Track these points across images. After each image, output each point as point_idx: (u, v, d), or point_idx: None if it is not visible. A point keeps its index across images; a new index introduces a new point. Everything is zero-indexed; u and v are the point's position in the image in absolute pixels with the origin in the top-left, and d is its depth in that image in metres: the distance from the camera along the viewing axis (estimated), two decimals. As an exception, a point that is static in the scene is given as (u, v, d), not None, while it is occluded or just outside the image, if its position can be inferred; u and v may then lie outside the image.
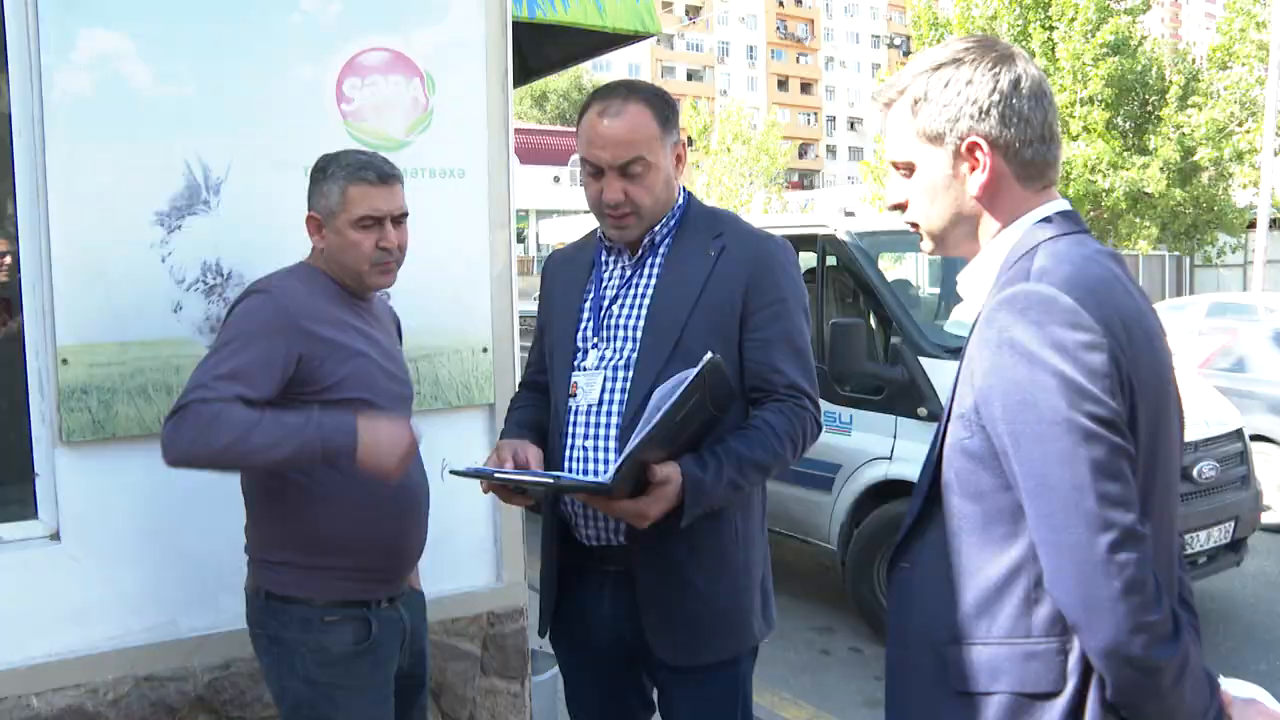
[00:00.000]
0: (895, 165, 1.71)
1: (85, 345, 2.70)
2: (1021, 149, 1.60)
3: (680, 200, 2.39)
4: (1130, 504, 1.42)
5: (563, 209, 30.72)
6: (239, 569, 2.48)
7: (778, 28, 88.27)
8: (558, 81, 55.53)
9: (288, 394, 2.28)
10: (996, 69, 1.59)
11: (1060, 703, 1.49)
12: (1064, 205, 1.65)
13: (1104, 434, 1.41)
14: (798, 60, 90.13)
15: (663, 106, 2.29)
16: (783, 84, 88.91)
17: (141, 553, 2.81)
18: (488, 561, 3.34)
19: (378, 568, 2.44)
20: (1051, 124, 1.62)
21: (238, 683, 2.89)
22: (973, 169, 1.61)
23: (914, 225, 1.72)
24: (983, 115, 1.58)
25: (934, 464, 1.64)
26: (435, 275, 3.09)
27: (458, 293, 3.21)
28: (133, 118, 2.72)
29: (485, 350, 3.26)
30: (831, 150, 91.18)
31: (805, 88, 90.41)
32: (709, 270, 2.29)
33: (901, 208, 1.72)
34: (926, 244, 1.74)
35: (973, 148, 1.59)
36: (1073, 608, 1.43)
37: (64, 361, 2.68)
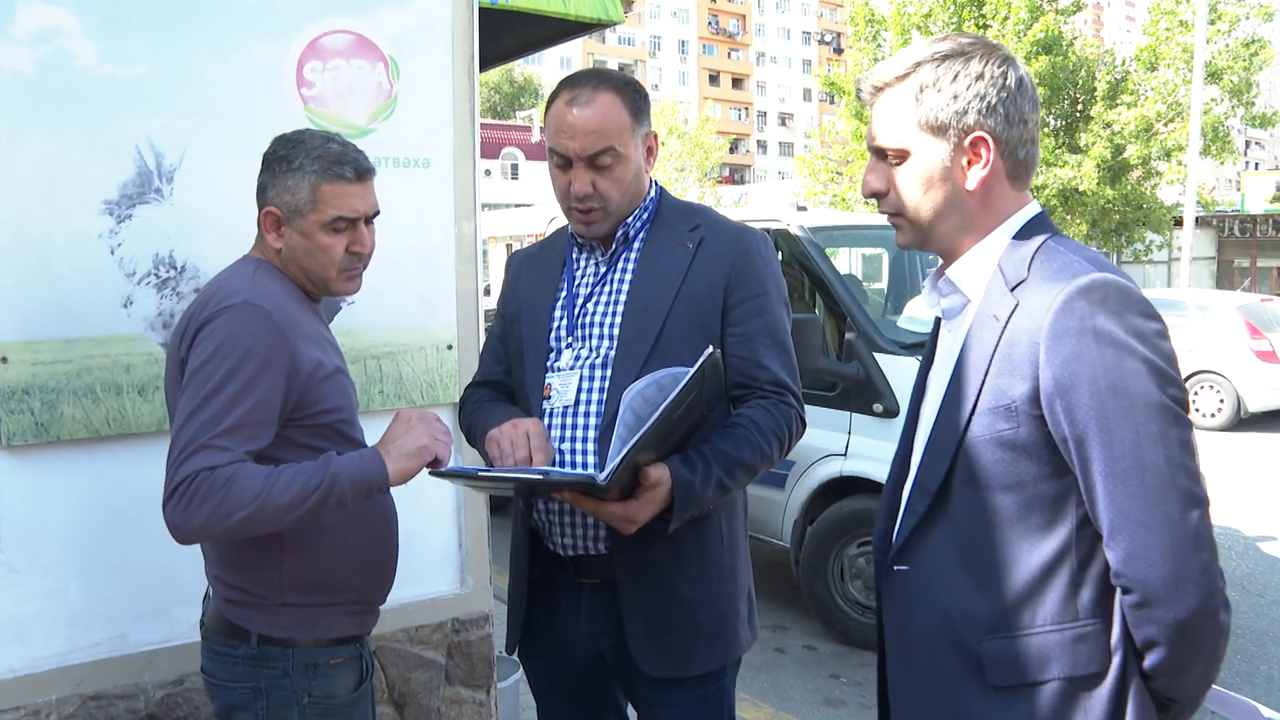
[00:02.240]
0: (885, 152, 1.66)
1: (27, 342, 2.52)
2: (1016, 148, 1.61)
3: (652, 193, 2.32)
4: (1203, 479, 1.47)
5: (492, 203, 30.51)
6: (194, 578, 2.31)
7: (709, 23, 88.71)
8: (488, 74, 55.07)
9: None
10: (1004, 68, 1.59)
11: (1108, 681, 1.53)
12: (1039, 207, 1.68)
13: (1184, 415, 1.47)
14: (729, 55, 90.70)
15: (634, 96, 2.22)
16: (714, 79, 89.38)
17: (88, 563, 2.63)
18: (452, 566, 3.22)
19: (371, 598, 2.23)
20: (1037, 128, 1.65)
21: (192, 698, 2.73)
22: (971, 163, 1.60)
23: (894, 214, 1.69)
24: (990, 111, 1.58)
25: (948, 462, 1.60)
26: (398, 269, 2.96)
27: (421, 288, 3.08)
28: (79, 99, 2.54)
29: (450, 347, 3.13)
30: (762, 145, 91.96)
31: (736, 83, 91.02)
32: (688, 262, 2.22)
33: (881, 195, 1.68)
34: (907, 235, 1.70)
35: (977, 142, 1.58)
36: (1157, 582, 1.44)
37: (3, 359, 2.50)
